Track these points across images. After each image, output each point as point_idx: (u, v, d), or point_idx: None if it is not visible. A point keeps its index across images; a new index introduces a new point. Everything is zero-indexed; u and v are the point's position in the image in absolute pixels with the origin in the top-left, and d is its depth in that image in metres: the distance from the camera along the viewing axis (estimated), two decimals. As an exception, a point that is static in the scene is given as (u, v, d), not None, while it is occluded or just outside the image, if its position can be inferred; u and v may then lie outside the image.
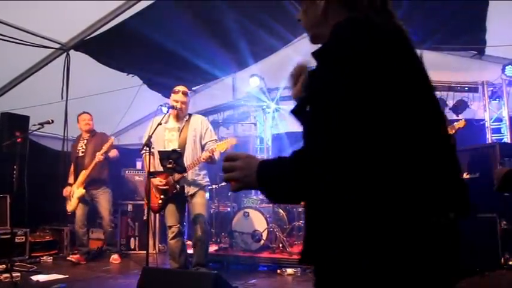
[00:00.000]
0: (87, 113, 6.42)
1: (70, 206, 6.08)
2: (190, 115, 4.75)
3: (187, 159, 4.44)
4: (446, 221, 1.13)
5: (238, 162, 1.24)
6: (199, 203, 4.50)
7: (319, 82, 1.18)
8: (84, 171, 6.03)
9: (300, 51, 8.26)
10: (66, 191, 6.15)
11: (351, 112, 1.06)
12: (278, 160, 1.22)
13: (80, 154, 6.23)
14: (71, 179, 6.27)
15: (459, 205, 1.19)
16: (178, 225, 4.49)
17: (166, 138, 4.58)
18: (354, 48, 1.11)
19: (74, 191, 6.04)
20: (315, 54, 1.24)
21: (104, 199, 6.20)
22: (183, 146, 4.49)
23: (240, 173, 1.23)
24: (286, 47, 8.31)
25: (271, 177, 1.18)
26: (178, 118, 4.66)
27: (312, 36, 1.42)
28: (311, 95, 1.21)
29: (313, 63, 1.26)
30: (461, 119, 4.29)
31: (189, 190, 4.48)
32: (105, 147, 5.92)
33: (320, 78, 1.18)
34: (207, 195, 4.73)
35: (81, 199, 6.06)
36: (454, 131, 4.11)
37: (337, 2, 1.31)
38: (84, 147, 6.26)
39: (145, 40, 6.04)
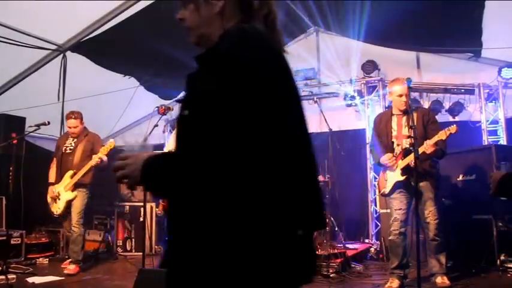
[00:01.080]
0: (75, 116, 5.76)
1: (58, 209, 5.65)
2: None
3: None
4: (302, 234, 1.18)
5: (128, 160, 1.26)
6: None
7: (201, 87, 1.19)
8: (71, 171, 5.59)
9: (296, 53, 8.28)
10: (51, 192, 5.70)
11: (225, 121, 1.10)
12: (159, 157, 1.25)
13: (68, 151, 5.76)
14: (52, 177, 5.84)
15: (315, 220, 1.27)
16: None
17: None
18: (240, 58, 1.15)
19: (61, 194, 5.63)
20: (199, 58, 1.25)
21: (78, 197, 5.62)
22: None
23: (128, 169, 1.24)
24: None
25: (149, 173, 1.20)
26: None
27: (198, 36, 1.38)
28: (191, 99, 1.22)
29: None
30: (453, 124, 4.28)
31: None
32: (105, 150, 5.53)
33: (202, 84, 1.19)
34: None
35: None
36: (446, 136, 4.10)
37: (234, 5, 1.33)
38: (72, 144, 5.78)
39: (142, 41, 6.04)
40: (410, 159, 4.14)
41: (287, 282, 1.16)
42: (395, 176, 4.36)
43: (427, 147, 4.12)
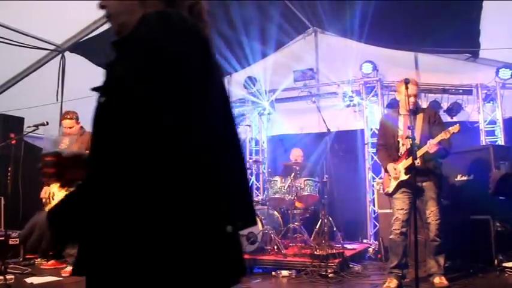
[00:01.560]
0: (70, 117, 5.65)
1: None
2: None
3: None
4: (230, 231, 1.14)
5: (30, 223, 1.11)
6: None
7: (116, 74, 1.10)
8: None
9: (295, 53, 8.30)
10: (45, 192, 5.57)
11: (141, 113, 1.01)
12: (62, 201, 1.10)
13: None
14: None
15: (243, 217, 1.24)
16: None
17: None
18: (159, 43, 1.07)
19: (56, 193, 5.52)
20: (116, 43, 1.18)
21: None
22: None
23: (36, 233, 1.09)
24: (281, 49, 8.34)
25: (63, 216, 1.06)
26: None
27: (119, 24, 1.29)
28: (107, 86, 1.13)
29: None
30: (456, 123, 4.30)
31: None
32: None
33: (118, 69, 1.10)
34: None
35: None
36: (448, 136, 4.11)
37: None
38: (67, 143, 5.67)
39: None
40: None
41: (214, 282, 1.11)
42: (400, 175, 4.37)
43: (430, 146, 4.13)
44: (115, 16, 1.29)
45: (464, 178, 5.39)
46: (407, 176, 4.27)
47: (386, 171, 4.55)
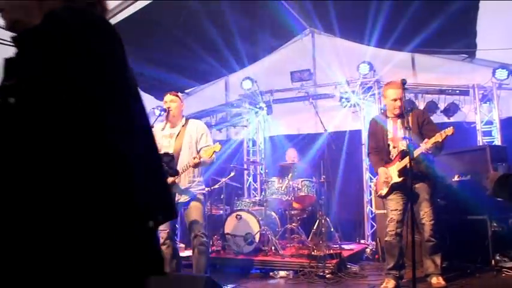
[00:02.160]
0: None
1: None
2: (187, 120, 4.62)
3: (182, 165, 4.32)
4: (151, 226, 1.15)
5: None
6: (194, 213, 4.34)
7: (28, 73, 1.05)
8: None
9: (292, 54, 8.31)
10: None
11: (57, 110, 1.00)
12: None
13: None
14: None
15: (163, 208, 1.24)
16: (168, 230, 4.36)
17: (164, 145, 4.44)
18: (77, 35, 1.04)
19: None
20: (18, 39, 1.13)
21: None
22: (178, 152, 4.38)
23: None
24: (278, 50, 8.35)
25: None
26: (172, 123, 4.52)
27: (13, 21, 1.23)
28: (17, 85, 1.06)
29: None
30: (452, 124, 4.28)
31: (180, 198, 4.35)
32: None
33: (30, 68, 1.05)
34: (202, 200, 4.57)
35: None
36: (442, 138, 4.08)
37: None
38: None
39: (137, 42, 6.03)
40: (408, 161, 4.13)
41: (135, 274, 1.11)
42: (392, 178, 4.35)
43: (427, 148, 4.08)
44: (9, 11, 1.22)
45: (461, 178, 5.39)
46: (401, 179, 4.25)
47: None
